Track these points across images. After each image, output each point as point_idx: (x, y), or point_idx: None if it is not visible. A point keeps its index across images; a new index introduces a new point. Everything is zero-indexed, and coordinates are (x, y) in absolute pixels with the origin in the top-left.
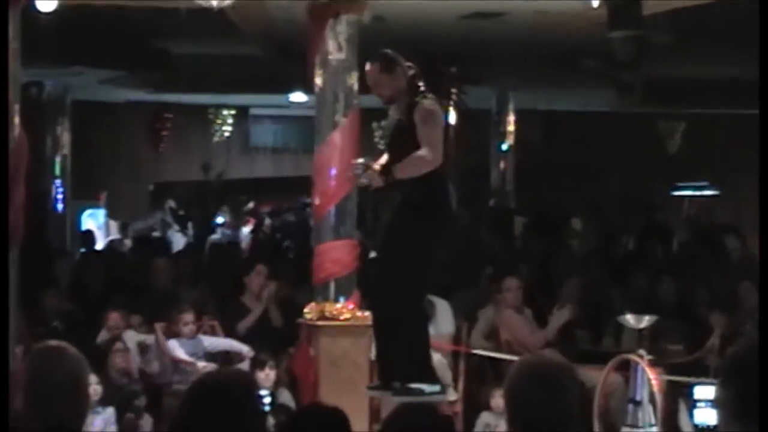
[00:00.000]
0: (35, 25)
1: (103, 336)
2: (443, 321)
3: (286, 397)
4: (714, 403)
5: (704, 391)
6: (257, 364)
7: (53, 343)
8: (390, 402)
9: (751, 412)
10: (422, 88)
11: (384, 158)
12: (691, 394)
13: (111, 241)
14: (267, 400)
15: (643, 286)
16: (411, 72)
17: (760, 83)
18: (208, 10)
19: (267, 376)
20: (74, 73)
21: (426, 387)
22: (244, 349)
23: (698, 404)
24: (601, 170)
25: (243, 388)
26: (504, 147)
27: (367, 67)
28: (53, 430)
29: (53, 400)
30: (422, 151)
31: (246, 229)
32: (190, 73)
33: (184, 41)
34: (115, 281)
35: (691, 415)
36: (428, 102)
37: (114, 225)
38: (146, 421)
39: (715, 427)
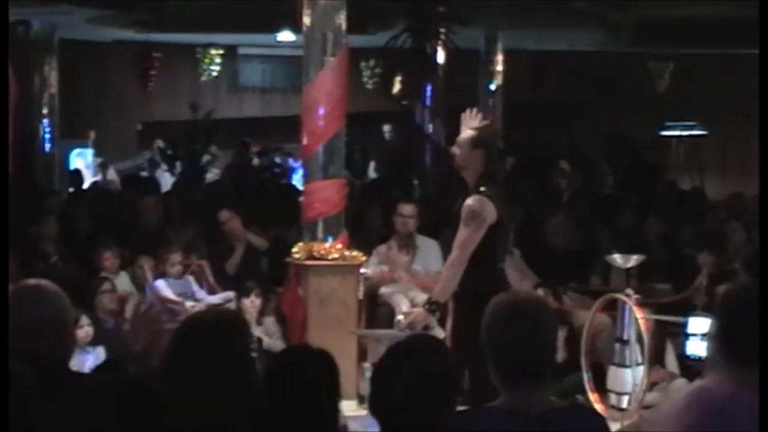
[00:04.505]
0: None
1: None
2: (431, 259)
3: (269, 323)
4: (706, 336)
5: (697, 324)
6: (243, 292)
7: (32, 281)
8: (378, 341)
9: (740, 348)
10: (486, 184)
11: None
12: (684, 329)
13: (99, 181)
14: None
15: (631, 226)
16: (492, 160)
17: (760, 84)
18: None
19: (253, 302)
20: (62, 12)
21: None
22: (230, 295)
23: (691, 337)
24: (589, 110)
25: (232, 327)
26: (492, 87)
27: (466, 130)
28: (38, 368)
29: (36, 339)
30: (449, 258)
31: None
32: (177, 12)
33: None
34: (103, 220)
35: (683, 348)
36: (477, 199)
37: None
38: None
39: (705, 359)
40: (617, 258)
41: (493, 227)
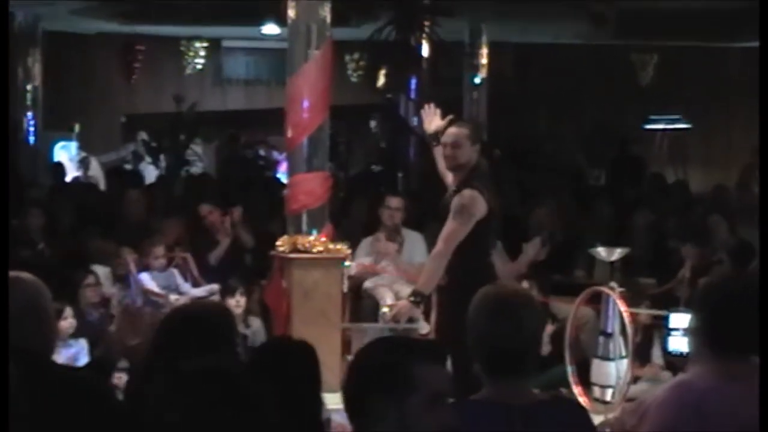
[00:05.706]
0: None
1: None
2: (416, 252)
3: (257, 325)
4: (687, 332)
5: (679, 320)
6: (228, 291)
7: (10, 273)
8: (361, 333)
9: (721, 340)
10: (477, 178)
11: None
12: (666, 322)
13: (80, 177)
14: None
15: (615, 219)
16: (481, 154)
17: (760, 85)
18: None
19: (237, 302)
20: (45, 4)
21: None
22: (215, 287)
23: (672, 332)
24: (573, 103)
25: (218, 318)
26: (477, 80)
27: (454, 128)
28: (19, 361)
29: (15, 331)
30: (434, 250)
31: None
32: (161, 4)
33: None
34: (87, 213)
35: (665, 343)
36: (469, 193)
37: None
38: None
39: (687, 354)
40: (601, 251)
41: (482, 221)
